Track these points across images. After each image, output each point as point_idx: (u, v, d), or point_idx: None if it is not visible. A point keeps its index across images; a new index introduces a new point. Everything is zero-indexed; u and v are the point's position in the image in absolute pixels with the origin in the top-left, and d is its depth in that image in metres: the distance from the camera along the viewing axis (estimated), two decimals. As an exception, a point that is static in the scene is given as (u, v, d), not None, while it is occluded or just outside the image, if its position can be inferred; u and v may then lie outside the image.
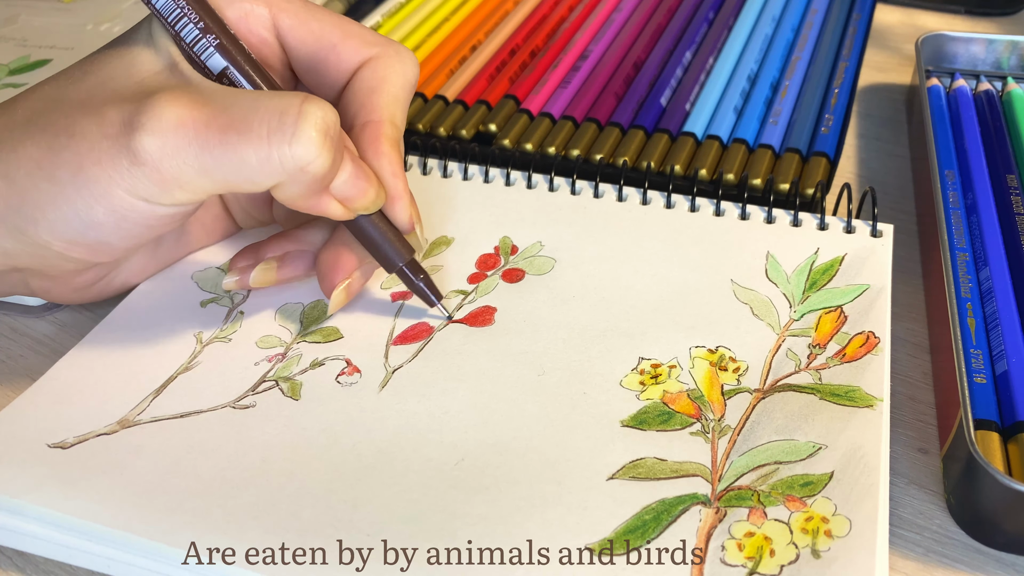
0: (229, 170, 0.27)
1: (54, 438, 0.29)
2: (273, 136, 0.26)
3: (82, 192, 0.27)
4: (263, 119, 0.26)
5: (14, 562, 0.28)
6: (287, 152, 0.26)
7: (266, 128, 0.26)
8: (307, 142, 0.26)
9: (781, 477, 0.27)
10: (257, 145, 0.26)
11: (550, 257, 0.35)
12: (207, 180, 0.27)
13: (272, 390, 0.31)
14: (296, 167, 0.27)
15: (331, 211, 0.29)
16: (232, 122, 0.26)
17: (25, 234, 0.28)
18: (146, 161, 0.26)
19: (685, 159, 0.41)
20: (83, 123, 0.27)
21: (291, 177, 0.27)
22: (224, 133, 0.26)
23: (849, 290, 0.33)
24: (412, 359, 0.31)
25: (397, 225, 0.31)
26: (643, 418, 0.29)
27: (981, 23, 0.54)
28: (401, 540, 0.26)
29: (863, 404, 0.29)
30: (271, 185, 0.27)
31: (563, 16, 0.53)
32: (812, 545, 0.25)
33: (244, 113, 0.26)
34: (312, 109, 0.26)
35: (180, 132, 0.26)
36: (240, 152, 0.26)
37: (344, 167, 0.28)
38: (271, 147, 0.26)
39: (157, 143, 0.26)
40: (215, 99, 0.27)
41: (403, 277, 0.32)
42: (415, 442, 0.28)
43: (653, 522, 0.26)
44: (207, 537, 0.26)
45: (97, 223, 0.28)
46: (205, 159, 0.26)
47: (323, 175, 0.27)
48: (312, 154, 0.26)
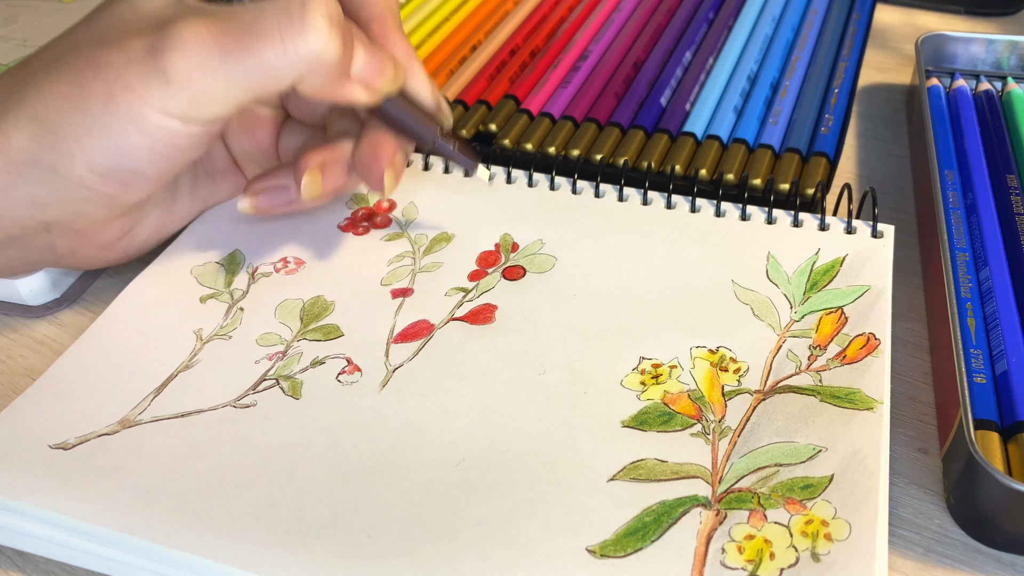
0: (252, 72, 0.28)
1: (55, 439, 0.29)
2: (284, 31, 0.28)
3: (115, 117, 0.28)
4: (272, 18, 0.28)
5: (14, 562, 0.28)
6: (301, 43, 0.28)
7: (276, 25, 0.28)
8: (315, 29, 0.28)
9: (781, 479, 0.27)
10: (272, 43, 0.28)
11: (551, 255, 0.35)
12: (234, 87, 0.29)
13: (273, 389, 0.31)
14: (312, 56, 0.28)
15: (357, 96, 0.31)
16: (245, 27, 0.28)
17: (59, 172, 0.29)
18: (175, 78, 0.28)
19: (685, 159, 0.41)
20: (105, 55, 0.28)
21: (309, 67, 0.29)
22: (241, 39, 0.28)
23: (850, 291, 0.33)
24: (413, 357, 0.31)
25: (421, 102, 0.33)
26: (644, 419, 0.29)
27: (981, 23, 0.54)
28: (402, 541, 0.26)
29: (863, 407, 0.29)
30: (293, 79, 0.29)
31: (563, 16, 0.53)
32: (812, 548, 0.25)
33: (254, 17, 0.28)
34: (313, 1, 0.28)
35: (201, 46, 0.28)
36: (259, 53, 0.28)
37: (358, 52, 0.30)
38: (285, 42, 0.28)
39: (183, 59, 0.28)
40: (225, 14, 0.29)
41: (439, 150, 0.34)
42: (416, 442, 0.28)
43: (653, 524, 0.26)
44: (209, 538, 0.26)
45: (132, 148, 0.29)
46: (229, 67, 0.28)
47: (338, 59, 0.29)
48: (323, 40, 0.28)
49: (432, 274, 0.35)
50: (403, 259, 0.36)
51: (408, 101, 0.33)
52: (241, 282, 0.35)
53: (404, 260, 0.36)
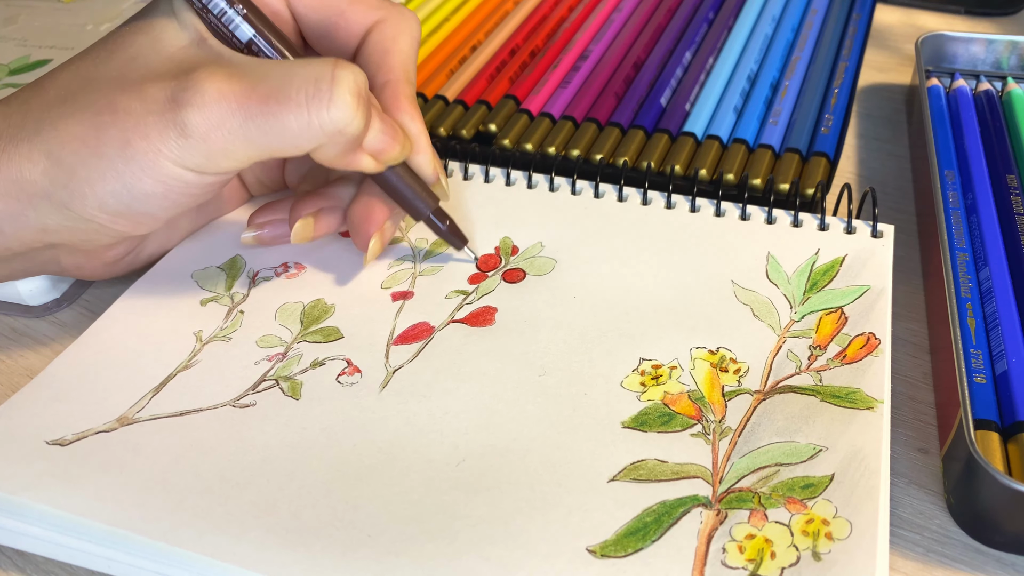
0: (273, 137, 0.28)
1: (52, 435, 0.29)
2: (312, 103, 0.28)
3: (130, 165, 0.28)
4: (300, 87, 0.28)
5: (14, 562, 0.28)
6: (326, 116, 0.28)
7: (304, 95, 0.28)
8: (343, 106, 0.28)
9: (782, 479, 0.27)
10: (297, 112, 0.28)
11: (551, 258, 0.35)
12: (252, 148, 0.28)
13: (272, 389, 0.31)
14: (335, 130, 0.28)
15: (364, 165, 0.31)
16: (271, 92, 0.28)
17: (70, 209, 0.29)
18: (193, 134, 0.28)
19: (685, 159, 0.41)
20: (124, 100, 0.28)
21: (330, 139, 0.29)
22: (265, 103, 0.28)
23: (849, 291, 0.33)
24: (413, 359, 0.31)
25: (423, 176, 0.34)
26: (644, 419, 0.29)
27: (981, 23, 0.54)
28: (402, 541, 0.26)
29: (863, 406, 0.29)
30: (312, 148, 0.29)
31: (563, 16, 0.53)
32: (813, 547, 0.25)
33: (281, 82, 0.28)
34: (344, 74, 0.28)
35: (223, 105, 0.28)
36: (282, 120, 0.28)
37: (373, 123, 0.30)
38: (310, 113, 0.28)
39: (203, 117, 0.27)
40: (250, 71, 0.28)
41: (430, 224, 0.34)
42: (416, 443, 0.28)
43: (654, 524, 0.26)
44: (208, 536, 0.26)
45: (144, 194, 0.29)
46: (249, 129, 0.28)
47: (359, 135, 0.29)
48: (349, 116, 0.28)
49: (432, 277, 0.35)
50: (403, 263, 0.36)
51: (409, 172, 0.33)
52: (242, 286, 0.35)
53: (404, 264, 0.36)
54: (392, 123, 0.31)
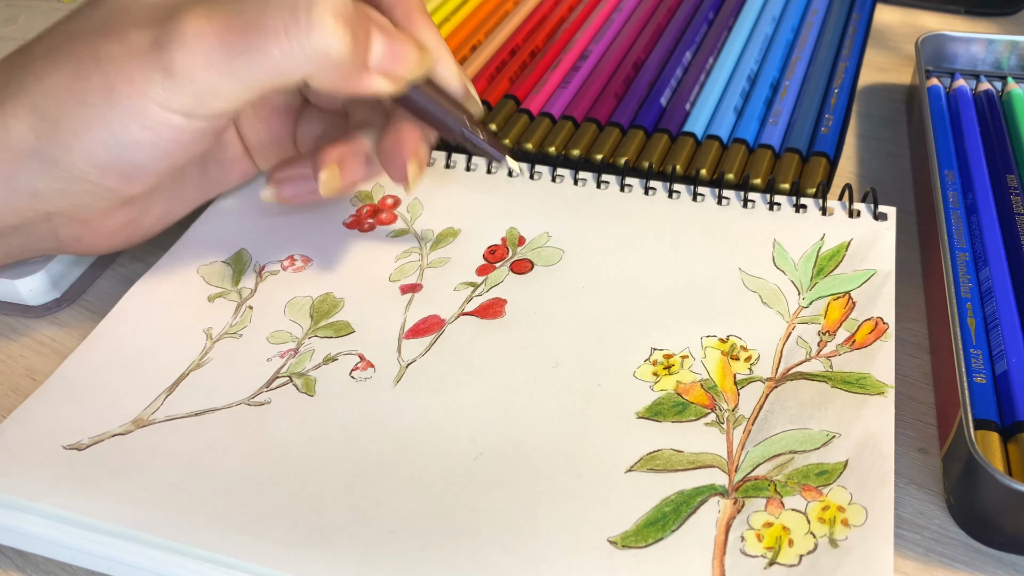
0: (257, 69, 0.27)
1: (69, 439, 0.29)
2: (289, 28, 0.27)
3: (116, 110, 0.28)
4: (276, 15, 0.27)
5: (14, 562, 0.28)
6: (306, 41, 0.27)
7: (281, 22, 0.27)
8: (321, 28, 0.27)
9: (796, 466, 0.27)
10: (277, 40, 0.27)
11: (558, 248, 0.35)
12: (239, 83, 0.28)
13: (286, 386, 0.31)
14: (318, 53, 0.27)
15: (378, 88, 0.29)
16: (249, 23, 0.27)
17: (58, 165, 0.29)
18: (178, 74, 0.27)
19: (685, 159, 0.41)
20: (106, 47, 0.28)
21: (317, 64, 0.28)
22: (245, 35, 0.27)
23: (856, 276, 0.33)
24: (425, 353, 0.32)
25: (449, 90, 0.32)
26: (658, 409, 0.29)
27: (981, 23, 0.54)
28: (425, 536, 0.26)
29: (874, 391, 0.29)
30: (302, 76, 0.28)
31: (563, 16, 0.53)
32: (830, 534, 0.25)
33: (258, 13, 0.27)
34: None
35: (205, 41, 0.27)
36: (263, 50, 0.27)
37: (376, 41, 0.29)
38: (290, 40, 0.27)
39: (186, 55, 0.27)
40: (228, 5, 0.27)
41: (464, 141, 0.32)
42: (433, 437, 0.29)
43: (673, 514, 0.26)
44: (232, 536, 0.26)
45: (132, 142, 0.28)
46: (233, 64, 0.27)
47: (348, 56, 0.28)
48: (329, 36, 0.27)
49: (440, 269, 0.35)
50: (410, 255, 0.36)
51: (435, 89, 0.31)
52: (249, 280, 0.35)
53: (411, 256, 0.36)
54: (403, 36, 0.30)
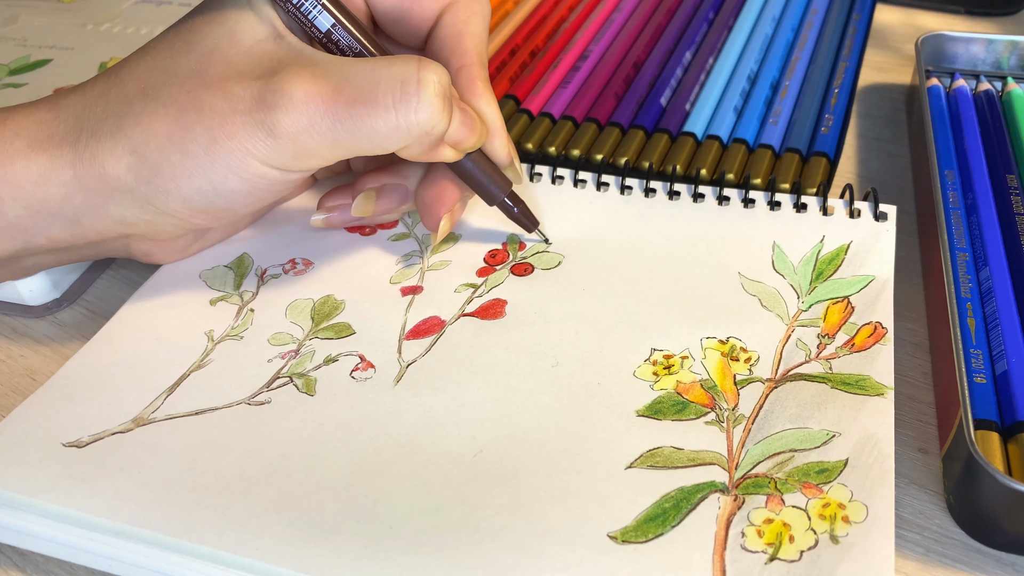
0: (360, 139, 0.29)
1: (68, 437, 0.29)
2: (399, 105, 0.28)
3: (217, 163, 0.29)
4: (387, 89, 0.28)
5: (14, 561, 0.28)
6: (413, 119, 0.28)
7: (391, 98, 0.28)
8: (430, 108, 0.28)
9: (797, 464, 0.27)
10: (385, 115, 0.28)
11: (558, 253, 0.35)
12: (339, 148, 0.29)
13: (287, 386, 0.31)
14: (422, 132, 0.29)
15: (446, 157, 0.31)
16: (358, 94, 0.28)
17: (153, 205, 0.30)
18: (282, 135, 0.28)
19: (685, 159, 0.41)
20: (209, 98, 0.28)
21: (417, 140, 0.29)
22: (352, 106, 0.28)
23: (855, 281, 0.33)
24: (425, 353, 0.32)
25: (496, 160, 0.34)
26: (658, 408, 0.29)
27: (981, 23, 0.54)
28: (425, 532, 0.26)
29: (874, 393, 0.29)
30: (398, 148, 0.29)
31: (563, 16, 0.53)
32: (830, 531, 0.25)
33: (367, 84, 0.28)
34: (429, 76, 0.28)
35: (311, 107, 0.28)
36: (369, 122, 0.28)
37: (454, 115, 0.30)
38: (398, 116, 0.28)
39: (291, 119, 0.28)
40: (334, 71, 0.28)
41: (504, 208, 0.34)
42: (433, 435, 0.29)
43: (673, 510, 0.26)
44: (230, 533, 0.26)
45: (229, 191, 0.29)
46: (338, 130, 0.28)
47: (444, 134, 0.30)
48: (436, 118, 0.29)
49: (440, 272, 0.35)
50: (411, 258, 0.36)
51: (483, 157, 0.33)
52: (250, 284, 0.35)
53: (412, 259, 0.36)
54: (469, 112, 0.31)
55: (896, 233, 0.35)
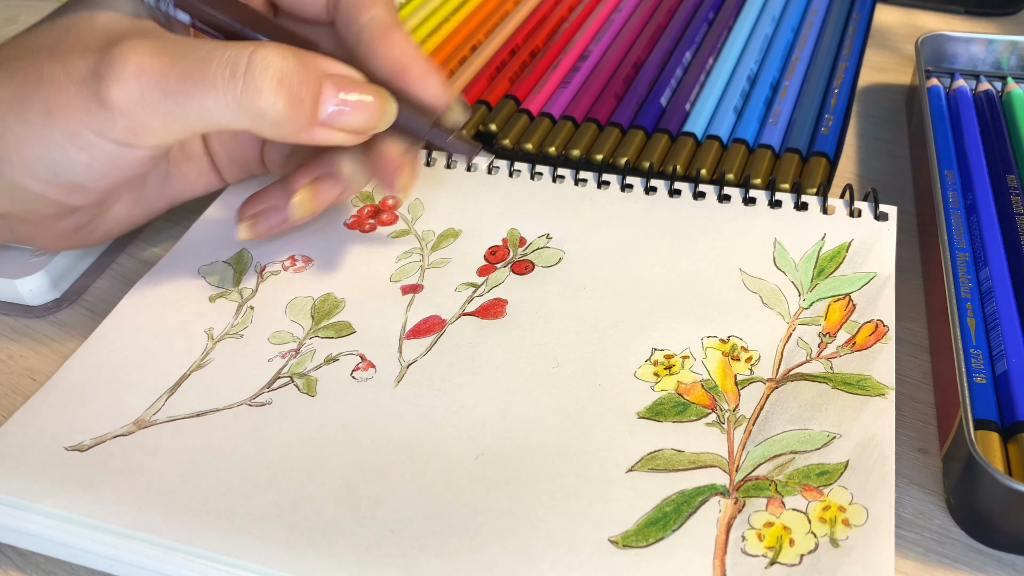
0: (191, 115, 0.28)
1: (70, 440, 0.29)
2: (227, 85, 0.27)
3: (53, 132, 0.28)
4: (217, 69, 0.27)
5: (14, 561, 0.28)
6: (243, 100, 0.27)
7: (220, 78, 0.27)
8: (256, 91, 0.27)
9: (797, 467, 0.27)
10: (213, 94, 0.27)
11: (558, 249, 0.35)
12: (174, 124, 0.28)
13: (288, 387, 0.31)
14: (255, 114, 0.28)
15: (331, 140, 0.29)
16: (189, 70, 0.27)
17: (2, 175, 0.29)
18: (112, 106, 0.27)
19: (685, 159, 0.41)
20: (50, 68, 0.28)
21: (254, 123, 0.28)
22: (182, 81, 0.27)
23: (857, 278, 0.33)
24: (426, 353, 0.32)
25: (434, 106, 0.32)
26: (659, 409, 0.29)
27: (981, 23, 0.54)
28: (426, 535, 0.26)
29: (875, 393, 0.29)
30: (238, 128, 0.28)
31: (563, 16, 0.53)
32: (831, 534, 0.25)
33: (200, 62, 0.27)
34: (259, 59, 0.27)
35: (142, 80, 0.27)
36: (198, 99, 0.27)
37: (326, 96, 0.28)
38: (227, 96, 0.27)
39: (122, 90, 0.27)
40: (174, 47, 0.28)
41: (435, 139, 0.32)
42: (434, 437, 0.29)
43: (674, 513, 0.26)
44: (233, 537, 0.26)
45: (69, 163, 0.29)
46: (168, 105, 0.27)
47: (285, 118, 0.28)
48: (265, 101, 0.27)
49: (441, 270, 0.35)
50: (411, 256, 0.36)
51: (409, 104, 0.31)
52: (250, 281, 0.35)
53: (412, 257, 0.36)
54: (363, 90, 0.29)
55: (896, 233, 0.35)
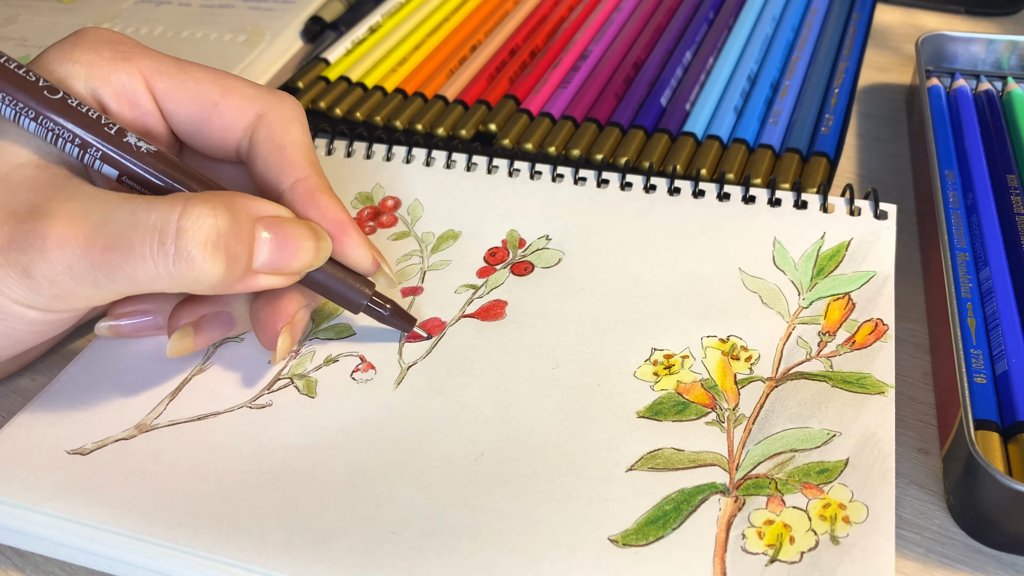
0: (122, 285, 0.26)
1: (72, 444, 0.29)
2: (156, 256, 0.25)
3: None
4: (143, 238, 0.25)
5: (13, 562, 0.28)
6: (173, 270, 0.26)
7: (148, 248, 0.25)
8: (188, 260, 0.26)
9: (797, 465, 0.27)
10: (143, 264, 0.26)
11: (558, 250, 0.35)
12: (104, 291, 0.26)
13: (287, 388, 0.31)
14: (188, 282, 0.26)
15: (266, 285, 0.28)
16: (114, 240, 0.25)
17: None
18: (37, 277, 0.26)
19: (685, 159, 0.41)
20: None
21: (189, 286, 0.26)
22: (108, 252, 0.25)
23: (856, 277, 0.33)
24: (426, 355, 0.32)
25: (359, 269, 0.31)
26: (659, 409, 0.29)
27: (981, 23, 0.54)
28: (425, 536, 0.26)
29: (874, 391, 0.29)
30: (174, 292, 0.27)
31: (563, 16, 0.53)
32: (831, 531, 0.25)
33: (123, 230, 0.26)
34: (190, 224, 0.25)
35: (67, 251, 0.25)
36: (128, 271, 0.26)
37: (260, 244, 0.27)
38: (157, 266, 0.26)
39: (47, 265, 0.26)
40: (95, 211, 0.26)
41: (371, 313, 0.31)
42: (433, 438, 0.29)
43: (674, 512, 0.26)
44: (234, 540, 0.26)
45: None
46: (97, 276, 0.26)
47: (220, 279, 0.26)
48: (198, 269, 0.26)
49: (441, 272, 0.35)
50: (411, 258, 0.36)
51: (334, 265, 0.30)
52: None
53: (412, 259, 0.36)
54: (296, 231, 0.28)
55: (896, 233, 0.35)
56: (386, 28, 0.52)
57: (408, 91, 0.46)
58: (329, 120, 0.45)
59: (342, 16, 0.54)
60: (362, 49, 0.50)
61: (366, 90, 0.47)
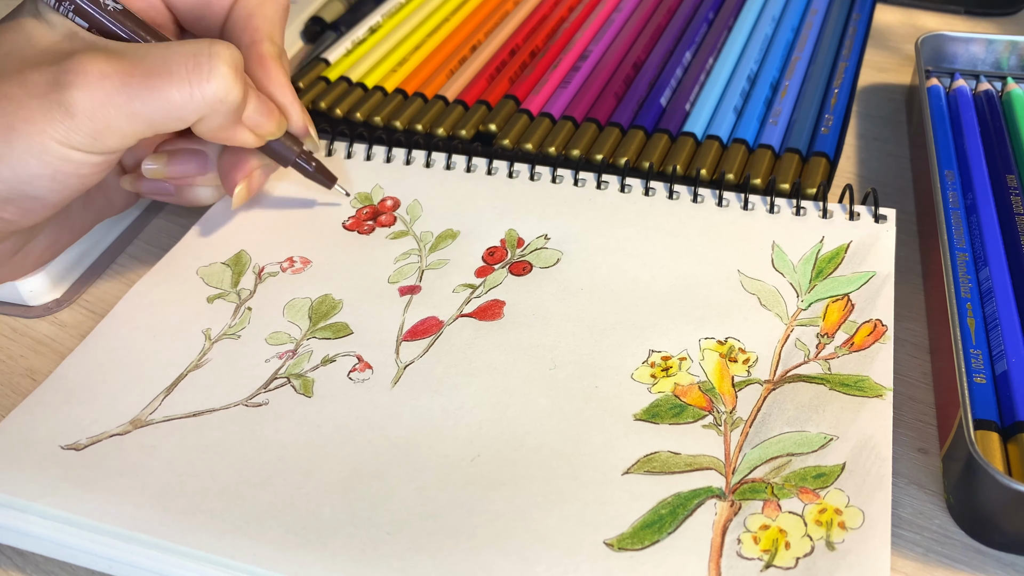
0: (157, 111, 0.29)
1: (66, 439, 0.29)
2: (192, 75, 0.29)
3: (16, 147, 0.29)
4: (180, 62, 0.29)
5: (14, 562, 0.28)
6: (207, 88, 0.30)
7: (184, 69, 0.29)
8: (221, 77, 0.30)
9: (794, 469, 0.27)
10: (180, 85, 0.29)
11: (556, 250, 0.35)
12: (139, 122, 0.30)
13: (284, 387, 0.31)
14: (216, 99, 0.30)
15: (245, 140, 0.33)
16: (152, 69, 0.29)
17: None
18: (78, 113, 0.28)
19: (685, 159, 0.41)
20: (6, 88, 0.29)
21: (212, 109, 0.30)
22: (148, 79, 0.29)
23: (855, 278, 0.33)
24: (423, 354, 0.32)
25: (293, 131, 0.35)
26: (655, 411, 0.29)
27: (981, 23, 0.54)
28: (421, 537, 0.26)
29: (872, 394, 0.29)
30: (195, 120, 0.31)
31: (563, 16, 0.53)
32: (826, 537, 0.25)
33: (162, 60, 0.30)
34: (220, 49, 0.30)
35: (107, 83, 0.29)
36: (165, 93, 0.29)
37: (250, 99, 0.32)
38: (192, 86, 0.29)
39: (87, 95, 0.28)
40: (129, 52, 0.30)
41: (298, 168, 0.36)
42: (430, 438, 0.29)
43: (669, 516, 0.26)
44: (227, 537, 0.26)
45: (31, 177, 0.29)
46: (135, 104, 0.29)
47: (238, 106, 0.31)
48: (227, 87, 0.30)
49: (439, 271, 0.35)
50: (409, 256, 0.36)
51: None
52: (248, 282, 0.35)
53: (410, 258, 0.36)
54: (265, 99, 0.33)
55: (896, 233, 0.35)
56: (386, 28, 0.52)
57: (408, 91, 0.46)
58: (329, 120, 0.45)
59: (342, 16, 0.54)
60: (362, 49, 0.50)
61: (366, 90, 0.47)
